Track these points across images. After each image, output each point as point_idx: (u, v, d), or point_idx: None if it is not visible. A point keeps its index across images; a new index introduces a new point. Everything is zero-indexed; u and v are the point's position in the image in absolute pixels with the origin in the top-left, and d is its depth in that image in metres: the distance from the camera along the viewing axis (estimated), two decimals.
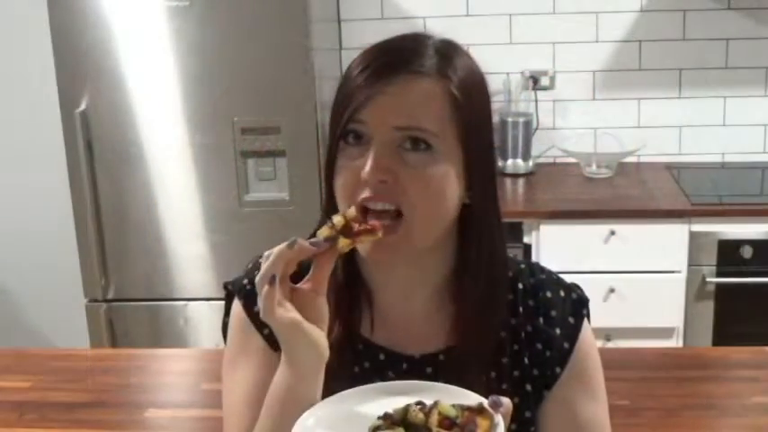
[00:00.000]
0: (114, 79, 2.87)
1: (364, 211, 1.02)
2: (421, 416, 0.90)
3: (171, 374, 2.10)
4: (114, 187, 2.96)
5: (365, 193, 1.02)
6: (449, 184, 1.05)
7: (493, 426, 0.90)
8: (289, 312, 0.96)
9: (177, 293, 3.03)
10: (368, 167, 1.01)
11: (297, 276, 1.00)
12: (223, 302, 1.23)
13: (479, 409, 0.91)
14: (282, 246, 0.97)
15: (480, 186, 1.08)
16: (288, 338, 0.97)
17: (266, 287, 0.95)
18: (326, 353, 0.99)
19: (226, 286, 1.21)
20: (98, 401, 1.89)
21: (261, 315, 0.96)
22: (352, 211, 1.01)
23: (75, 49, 2.85)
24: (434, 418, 0.90)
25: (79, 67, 2.86)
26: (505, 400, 0.91)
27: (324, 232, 0.99)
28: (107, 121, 2.90)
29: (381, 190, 1.02)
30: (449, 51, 1.08)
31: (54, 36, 2.84)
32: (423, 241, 1.06)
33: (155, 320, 3.07)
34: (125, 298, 3.05)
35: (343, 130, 1.05)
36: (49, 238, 3.54)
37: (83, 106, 2.89)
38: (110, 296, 3.04)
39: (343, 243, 0.99)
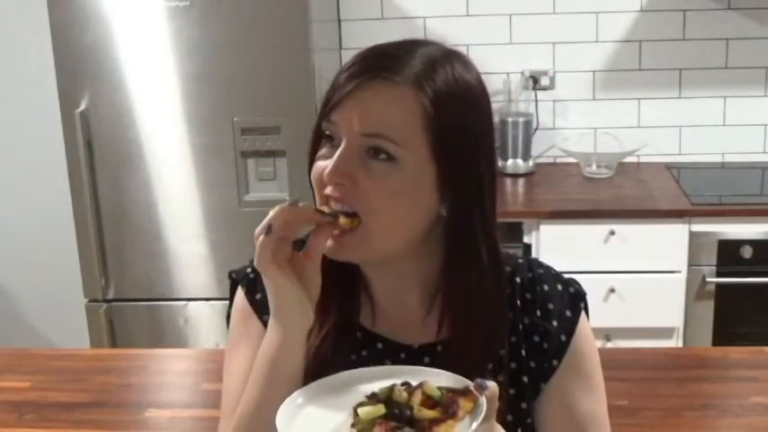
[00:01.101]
0: (114, 79, 2.87)
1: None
2: (405, 395, 0.92)
3: (171, 374, 2.09)
4: (114, 187, 2.96)
5: (327, 190, 1.05)
6: (411, 196, 1.04)
7: (476, 407, 0.90)
8: (282, 268, 1.01)
9: (177, 293, 3.04)
10: (328, 170, 1.03)
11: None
12: (224, 301, 1.25)
13: (464, 391, 0.92)
14: (284, 203, 1.02)
15: (457, 200, 1.06)
16: (277, 291, 1.02)
17: (262, 237, 1.00)
18: (311, 315, 1.04)
19: (230, 275, 1.25)
20: (98, 401, 1.89)
21: (255, 263, 1.01)
22: None
23: (75, 49, 2.85)
24: (417, 398, 0.91)
25: (79, 67, 2.87)
26: (491, 384, 0.91)
27: (326, 209, 1.04)
28: (107, 121, 2.90)
29: (341, 191, 1.03)
30: (437, 61, 1.06)
31: (54, 36, 2.84)
32: (385, 247, 1.06)
33: (155, 320, 3.07)
34: (125, 298, 3.05)
35: (320, 128, 1.07)
36: (49, 238, 3.55)
37: (83, 106, 2.89)
38: (110, 296, 3.04)
39: (344, 221, 1.03)
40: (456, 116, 1.05)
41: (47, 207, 3.51)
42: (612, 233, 2.95)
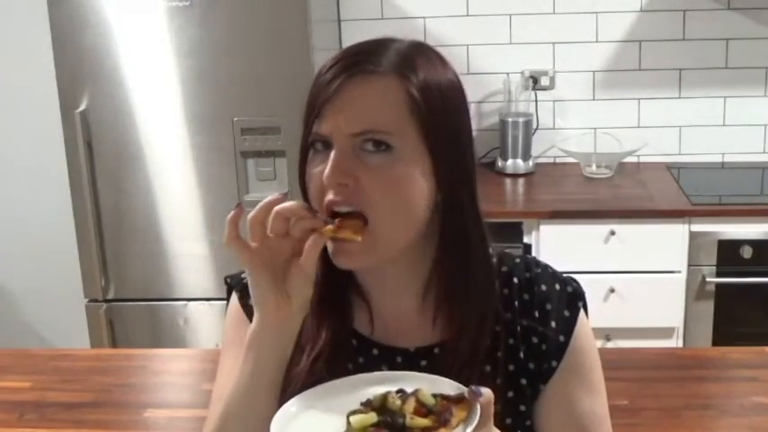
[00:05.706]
0: (114, 79, 2.87)
1: (333, 215, 1.04)
2: (398, 402, 0.91)
3: (171, 374, 2.10)
4: (114, 187, 2.96)
5: (329, 197, 1.03)
6: (412, 184, 1.04)
7: (470, 415, 0.90)
8: (250, 252, 1.02)
9: (177, 293, 3.04)
10: (326, 172, 1.02)
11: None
12: (223, 302, 1.26)
13: (458, 399, 0.92)
14: (274, 194, 1.03)
15: (450, 187, 1.07)
16: (247, 268, 1.04)
17: (231, 212, 1.01)
18: (292, 310, 1.04)
19: (226, 280, 1.25)
20: (98, 401, 1.89)
21: (224, 241, 1.02)
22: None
23: (75, 49, 2.85)
24: (410, 406, 0.91)
25: (79, 67, 2.87)
26: (485, 390, 0.91)
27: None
28: (107, 121, 2.90)
29: (344, 193, 1.03)
30: (412, 53, 1.08)
31: (54, 36, 2.84)
32: (390, 245, 1.06)
33: (155, 320, 3.07)
34: (125, 298, 3.05)
35: (309, 139, 1.07)
36: (49, 238, 3.55)
37: (83, 106, 2.89)
38: (110, 296, 3.04)
39: (327, 229, 1.02)
40: (440, 102, 1.06)
41: (47, 207, 3.51)
42: (612, 233, 2.95)
